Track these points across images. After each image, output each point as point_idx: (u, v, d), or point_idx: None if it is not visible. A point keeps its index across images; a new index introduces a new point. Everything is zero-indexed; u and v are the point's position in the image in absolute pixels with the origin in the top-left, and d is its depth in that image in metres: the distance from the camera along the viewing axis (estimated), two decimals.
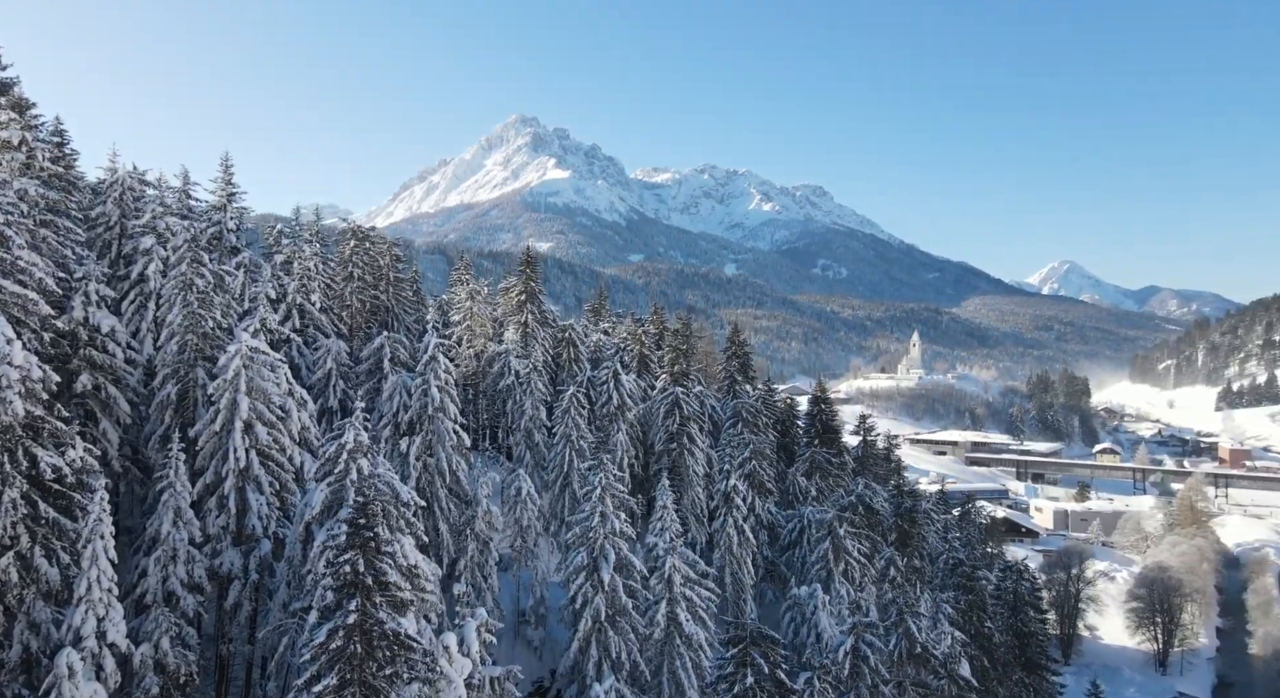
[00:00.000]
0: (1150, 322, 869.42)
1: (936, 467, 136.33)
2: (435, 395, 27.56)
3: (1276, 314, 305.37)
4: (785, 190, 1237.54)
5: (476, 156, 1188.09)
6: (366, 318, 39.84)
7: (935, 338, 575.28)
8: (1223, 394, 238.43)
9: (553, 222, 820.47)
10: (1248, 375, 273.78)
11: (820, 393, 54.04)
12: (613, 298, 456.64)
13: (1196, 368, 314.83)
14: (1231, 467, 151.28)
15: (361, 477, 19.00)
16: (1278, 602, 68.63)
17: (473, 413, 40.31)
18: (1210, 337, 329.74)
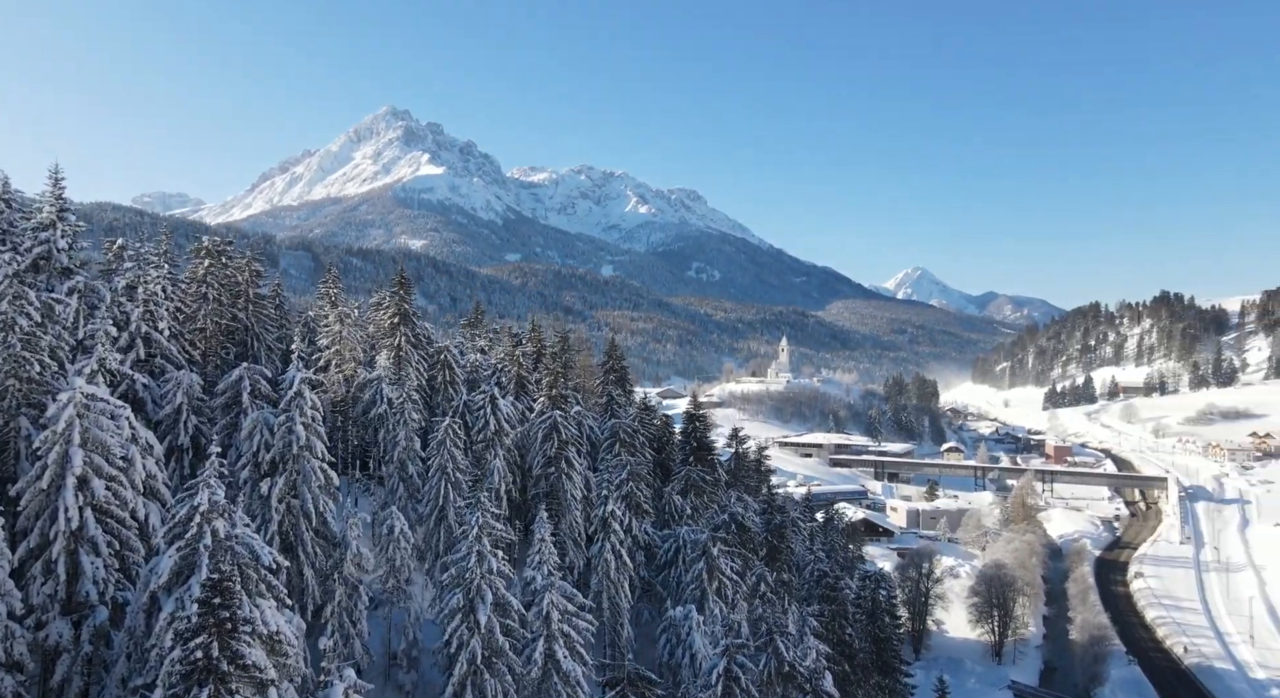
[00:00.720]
0: (989, 326, 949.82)
1: (803, 469, 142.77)
2: (300, 434, 26.16)
3: (1091, 322, 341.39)
4: (661, 193, 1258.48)
5: (344, 148, 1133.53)
6: (223, 340, 37.25)
7: (802, 340, 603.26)
8: (1048, 395, 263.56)
9: (427, 219, 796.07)
10: (1069, 377, 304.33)
11: (694, 410, 55.41)
12: (489, 299, 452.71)
13: (1027, 370, 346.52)
14: (1056, 462, 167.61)
15: (217, 541, 17.75)
16: (1093, 590, 76.74)
17: (342, 439, 38.54)
18: (1038, 342, 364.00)
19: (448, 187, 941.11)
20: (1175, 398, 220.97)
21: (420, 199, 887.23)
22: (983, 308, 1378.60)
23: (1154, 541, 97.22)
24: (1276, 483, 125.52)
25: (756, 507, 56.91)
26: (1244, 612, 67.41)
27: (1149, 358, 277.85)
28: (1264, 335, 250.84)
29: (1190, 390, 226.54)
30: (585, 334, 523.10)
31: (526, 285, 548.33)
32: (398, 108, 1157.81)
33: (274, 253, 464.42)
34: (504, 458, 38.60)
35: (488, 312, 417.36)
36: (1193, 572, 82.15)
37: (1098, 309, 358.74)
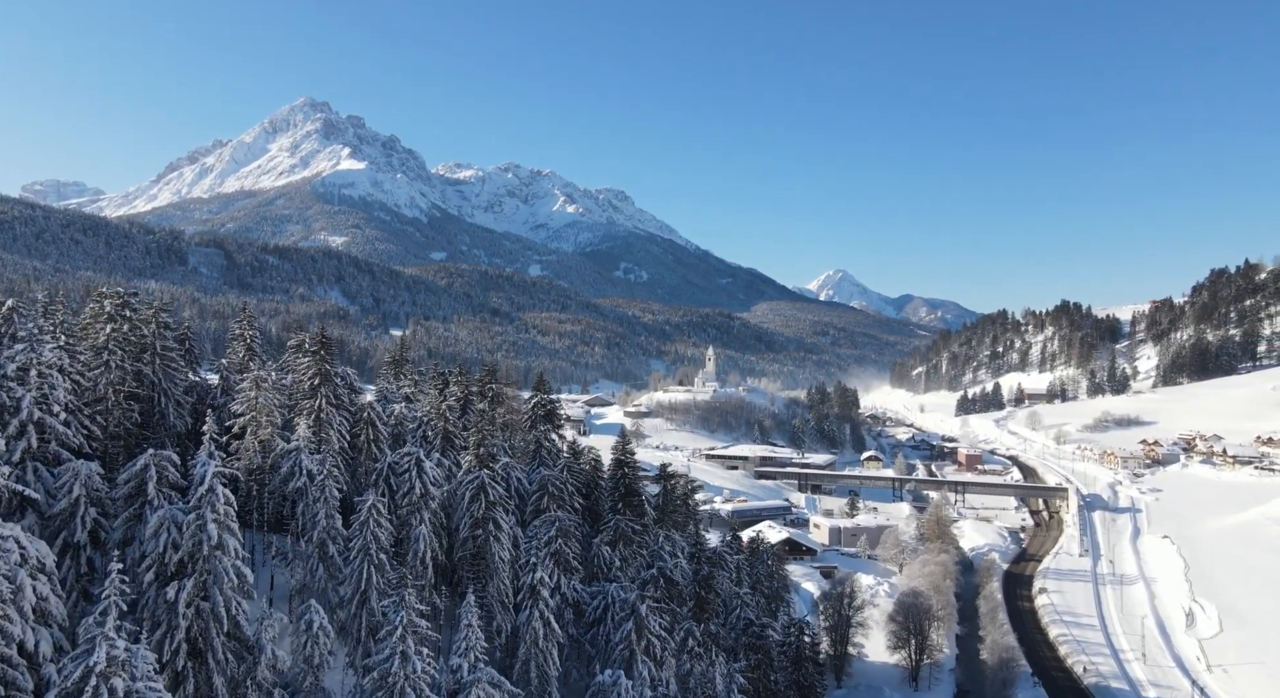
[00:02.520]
0: (906, 328, 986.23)
1: (729, 483, 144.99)
2: (213, 532, 24.94)
3: (1000, 329, 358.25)
4: (589, 193, 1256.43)
5: (259, 140, 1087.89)
6: (126, 409, 35.14)
7: (728, 343, 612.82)
8: (960, 402, 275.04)
9: (348, 215, 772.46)
10: (979, 382, 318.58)
11: (623, 454, 55.28)
12: (414, 300, 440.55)
13: (941, 375, 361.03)
14: (967, 470, 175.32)
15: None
16: (1001, 608, 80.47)
17: (258, 507, 36.92)
18: (951, 348, 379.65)
19: (370, 182, 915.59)
20: (1075, 405, 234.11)
21: (341, 194, 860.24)
22: (900, 309, 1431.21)
23: (1056, 553, 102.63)
24: (1165, 491, 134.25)
25: (685, 546, 57.57)
26: (1137, 628, 71.88)
27: (1052, 365, 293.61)
28: (1152, 345, 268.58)
29: (1088, 397, 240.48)
30: (512, 337, 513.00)
31: (452, 286, 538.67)
32: (316, 100, 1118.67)
33: (182, 250, 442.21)
34: (429, 522, 37.79)
35: (412, 313, 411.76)
36: (1091, 586, 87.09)
37: (1005, 316, 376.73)
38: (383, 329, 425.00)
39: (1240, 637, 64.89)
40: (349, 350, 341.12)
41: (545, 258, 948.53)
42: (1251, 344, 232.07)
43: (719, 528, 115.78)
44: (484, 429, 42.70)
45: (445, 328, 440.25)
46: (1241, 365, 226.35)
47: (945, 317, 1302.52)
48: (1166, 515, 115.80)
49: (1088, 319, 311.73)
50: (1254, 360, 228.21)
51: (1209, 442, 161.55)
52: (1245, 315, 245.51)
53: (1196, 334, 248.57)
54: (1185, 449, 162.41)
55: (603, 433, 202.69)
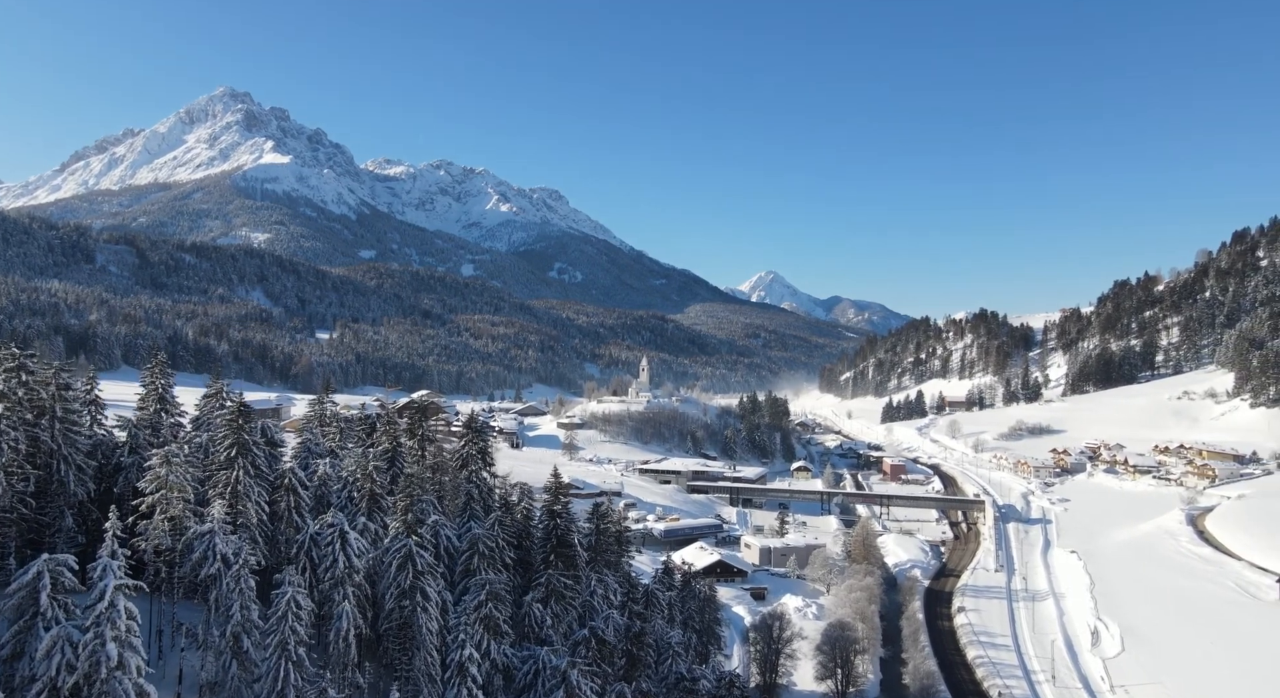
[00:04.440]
0: (834, 330, 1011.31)
1: (662, 499, 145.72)
2: (112, 652, 23.60)
3: (923, 336, 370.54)
4: (523, 192, 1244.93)
5: (175, 130, 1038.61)
6: (20, 491, 32.97)
7: (662, 345, 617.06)
8: (886, 409, 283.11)
9: (271, 211, 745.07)
10: (904, 388, 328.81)
11: (555, 503, 54.67)
12: (342, 301, 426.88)
13: (868, 381, 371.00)
14: (892, 479, 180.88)
15: None
16: (923, 629, 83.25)
17: (167, 592, 35.16)
18: (877, 354, 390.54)
19: (295, 177, 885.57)
20: (992, 412, 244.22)
21: (264, 189, 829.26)
22: (829, 311, 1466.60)
23: (973, 568, 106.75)
24: (1072, 501, 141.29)
25: (617, 589, 57.59)
26: (1048, 647, 75.38)
27: (971, 372, 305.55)
28: (1062, 353, 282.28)
29: (1004, 405, 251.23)
30: (444, 341, 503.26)
31: (382, 287, 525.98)
32: (236, 90, 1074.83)
33: (89, 246, 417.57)
34: (353, 596, 36.71)
35: (339, 315, 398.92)
36: (1006, 603, 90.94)
37: (928, 323, 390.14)
38: (308, 332, 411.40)
39: (1141, 656, 68.75)
40: (272, 356, 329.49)
41: (478, 257, 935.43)
42: (1150, 354, 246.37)
43: (652, 549, 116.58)
44: (412, 493, 41.70)
45: (375, 331, 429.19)
46: (1141, 374, 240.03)
47: (872, 318, 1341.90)
48: (1074, 527, 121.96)
49: (1004, 328, 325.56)
50: (1152, 369, 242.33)
51: (1112, 451, 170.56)
52: (1145, 326, 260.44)
53: (1102, 344, 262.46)
54: (1091, 458, 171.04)
55: (536, 445, 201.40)
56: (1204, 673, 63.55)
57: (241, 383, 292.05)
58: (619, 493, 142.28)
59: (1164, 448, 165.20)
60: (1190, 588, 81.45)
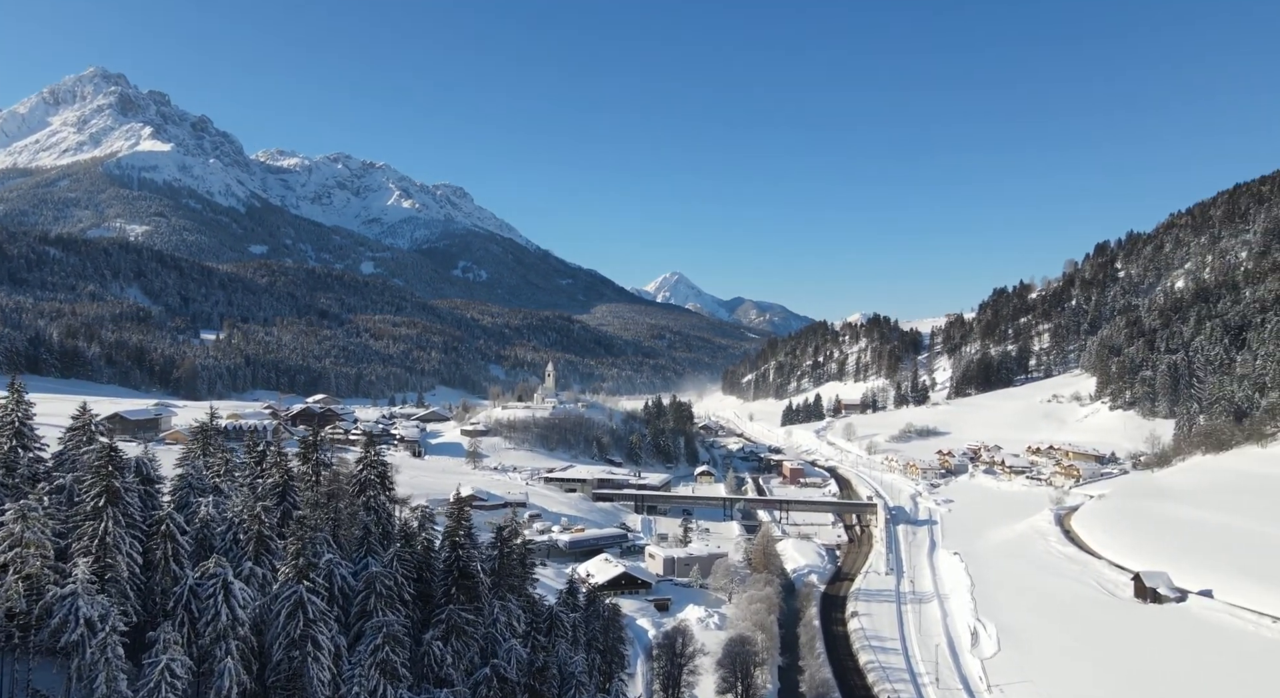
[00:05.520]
0: (737, 331, 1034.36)
1: (567, 508, 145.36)
2: None
3: (821, 339, 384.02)
4: (426, 189, 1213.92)
5: (37, 111, 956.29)
6: None
7: (568, 346, 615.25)
8: (786, 412, 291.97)
9: (150, 202, 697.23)
10: (803, 391, 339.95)
11: (457, 532, 53.70)
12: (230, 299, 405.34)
13: (769, 383, 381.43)
14: (791, 482, 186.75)
15: None
16: (819, 636, 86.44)
17: (21, 653, 32.44)
18: (778, 356, 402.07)
19: (177, 166, 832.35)
20: (884, 415, 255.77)
21: (142, 178, 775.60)
22: (732, 311, 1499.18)
23: (866, 572, 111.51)
24: (956, 501, 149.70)
25: (520, 615, 57.08)
26: (932, 649, 79.68)
27: (865, 375, 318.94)
28: (948, 357, 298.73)
29: (895, 408, 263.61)
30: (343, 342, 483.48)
31: (275, 285, 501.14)
32: (109, 71, 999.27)
33: None
34: (237, 649, 34.97)
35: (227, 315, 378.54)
36: (895, 606, 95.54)
37: (825, 327, 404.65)
38: (192, 333, 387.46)
39: (1015, 656, 73.68)
40: (150, 359, 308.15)
41: (379, 255, 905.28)
42: (1025, 359, 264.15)
43: (558, 561, 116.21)
44: (304, 536, 40.07)
45: (266, 331, 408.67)
46: (1017, 378, 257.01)
47: (774, 319, 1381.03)
48: (957, 528, 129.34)
49: (895, 332, 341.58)
50: (1027, 373, 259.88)
51: (991, 452, 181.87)
52: (1020, 333, 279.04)
53: (982, 349, 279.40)
54: (972, 459, 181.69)
55: (439, 454, 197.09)
56: (1069, 670, 68.77)
57: (116, 388, 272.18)
58: (524, 503, 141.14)
59: (1036, 449, 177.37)
60: (1058, 587, 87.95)
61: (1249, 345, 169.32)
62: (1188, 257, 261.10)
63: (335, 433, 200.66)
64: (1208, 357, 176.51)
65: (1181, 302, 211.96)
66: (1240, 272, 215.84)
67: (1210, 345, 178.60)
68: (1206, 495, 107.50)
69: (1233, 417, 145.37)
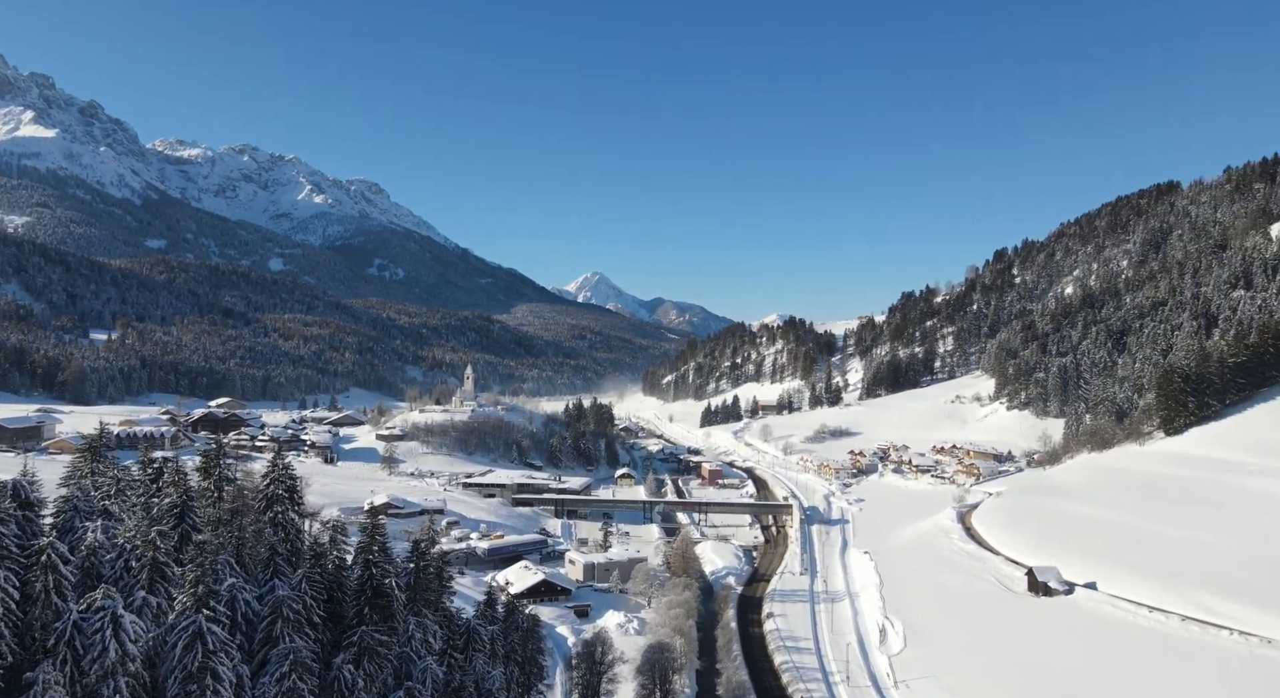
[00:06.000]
0: (658, 331, 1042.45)
1: (486, 514, 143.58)
2: None
3: (739, 341, 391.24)
4: (339, 183, 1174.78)
5: None
6: None
7: (488, 347, 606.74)
8: (705, 413, 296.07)
9: (31, 191, 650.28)
10: (721, 392, 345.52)
11: (371, 547, 52.28)
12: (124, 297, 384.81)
13: (689, 384, 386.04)
14: (710, 484, 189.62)
15: None
16: (736, 638, 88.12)
17: None
18: (697, 357, 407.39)
19: (63, 153, 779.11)
20: (800, 416, 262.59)
21: (22, 166, 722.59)
22: (652, 312, 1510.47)
23: (781, 572, 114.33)
24: (867, 501, 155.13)
25: (437, 630, 56.01)
26: (844, 647, 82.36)
27: (782, 377, 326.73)
28: (859, 359, 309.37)
29: (810, 409, 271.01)
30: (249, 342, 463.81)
31: (174, 282, 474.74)
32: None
33: None
34: (127, 687, 33.09)
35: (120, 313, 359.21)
36: (809, 606, 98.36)
37: (743, 328, 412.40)
38: (80, 332, 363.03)
39: (920, 652, 77.00)
40: (32, 360, 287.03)
41: (289, 251, 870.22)
42: (931, 361, 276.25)
43: (476, 569, 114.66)
44: (204, 563, 38.23)
45: (165, 331, 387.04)
46: (924, 379, 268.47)
47: (693, 320, 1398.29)
48: (867, 526, 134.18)
49: (810, 334, 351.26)
50: (932, 374, 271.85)
51: (899, 451, 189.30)
52: (927, 335, 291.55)
53: (892, 351, 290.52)
54: (882, 459, 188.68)
55: (353, 459, 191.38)
56: (970, 664, 72.40)
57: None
58: (441, 510, 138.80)
59: (940, 448, 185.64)
60: (960, 583, 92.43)
61: (1129, 349, 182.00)
62: (1076, 264, 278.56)
63: (241, 439, 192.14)
64: (1093, 360, 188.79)
65: (1071, 307, 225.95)
66: (1121, 279, 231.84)
67: (1095, 349, 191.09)
68: (1092, 492, 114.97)
69: (1115, 417, 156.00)
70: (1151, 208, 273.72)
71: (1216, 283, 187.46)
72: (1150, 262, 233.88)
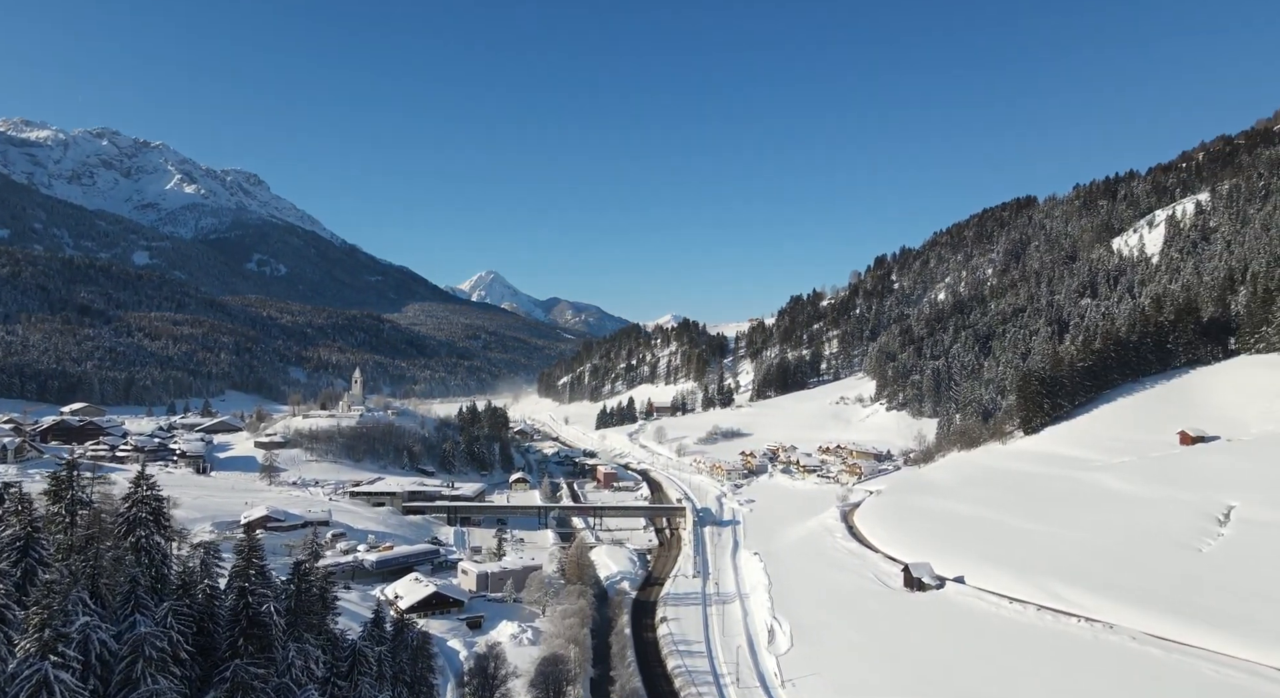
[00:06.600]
0: (553, 331, 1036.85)
1: (375, 524, 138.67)
2: None
3: (634, 343, 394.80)
4: (214, 173, 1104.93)
5: None
6: None
7: (378, 347, 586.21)
8: (600, 415, 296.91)
9: None
10: (617, 394, 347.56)
11: (247, 571, 49.46)
12: None
13: (584, 386, 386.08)
14: (605, 487, 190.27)
15: None
16: (630, 644, 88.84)
17: None
18: (593, 358, 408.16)
19: None
20: (693, 417, 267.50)
21: None
22: (548, 312, 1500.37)
23: (674, 576, 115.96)
24: (757, 501, 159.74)
25: (319, 656, 53.65)
26: (734, 649, 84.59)
27: (676, 378, 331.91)
28: (750, 361, 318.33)
29: (703, 410, 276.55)
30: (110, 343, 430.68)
31: (19, 275, 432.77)
32: None
33: None
34: None
35: None
36: (701, 609, 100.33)
37: (638, 330, 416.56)
38: None
39: (807, 651, 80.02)
40: None
41: (156, 244, 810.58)
42: (818, 363, 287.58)
43: (363, 582, 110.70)
44: (50, 604, 35.12)
45: (8, 330, 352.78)
46: (811, 381, 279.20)
47: (589, 320, 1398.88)
48: (758, 527, 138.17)
49: (703, 336, 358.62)
50: (819, 376, 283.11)
51: (788, 452, 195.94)
52: (814, 338, 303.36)
53: (781, 353, 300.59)
54: (771, 459, 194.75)
55: (229, 469, 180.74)
56: (851, 660, 75.87)
57: None
58: (327, 522, 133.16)
59: (826, 448, 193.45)
60: (843, 582, 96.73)
61: (994, 353, 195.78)
62: (948, 272, 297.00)
63: (99, 449, 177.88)
64: (963, 363, 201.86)
65: (943, 312, 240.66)
66: (987, 287, 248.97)
67: (965, 353, 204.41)
68: (961, 489, 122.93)
69: (981, 417, 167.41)
70: (1013, 220, 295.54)
71: (1067, 292, 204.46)
72: (1012, 271, 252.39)
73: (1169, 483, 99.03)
